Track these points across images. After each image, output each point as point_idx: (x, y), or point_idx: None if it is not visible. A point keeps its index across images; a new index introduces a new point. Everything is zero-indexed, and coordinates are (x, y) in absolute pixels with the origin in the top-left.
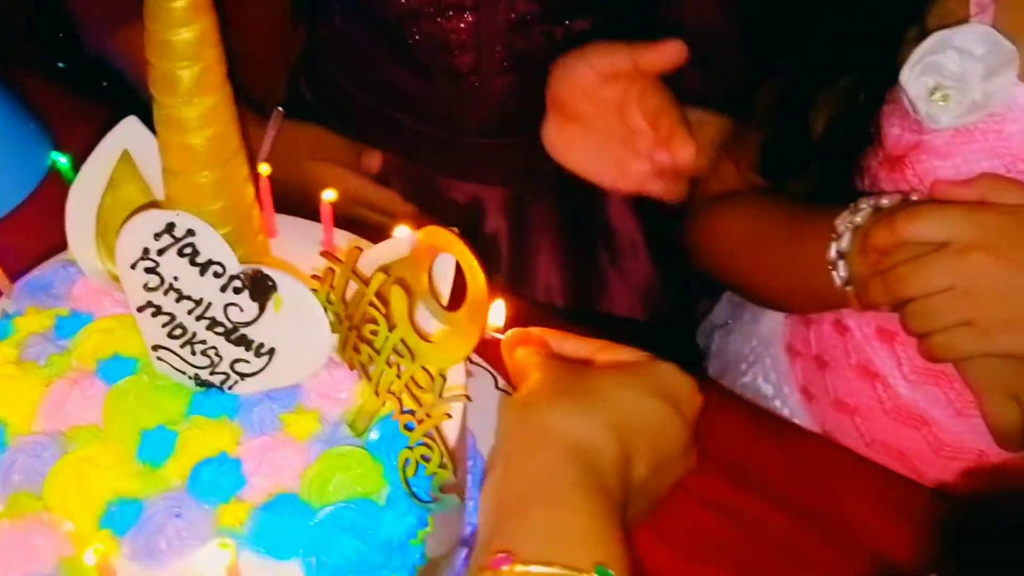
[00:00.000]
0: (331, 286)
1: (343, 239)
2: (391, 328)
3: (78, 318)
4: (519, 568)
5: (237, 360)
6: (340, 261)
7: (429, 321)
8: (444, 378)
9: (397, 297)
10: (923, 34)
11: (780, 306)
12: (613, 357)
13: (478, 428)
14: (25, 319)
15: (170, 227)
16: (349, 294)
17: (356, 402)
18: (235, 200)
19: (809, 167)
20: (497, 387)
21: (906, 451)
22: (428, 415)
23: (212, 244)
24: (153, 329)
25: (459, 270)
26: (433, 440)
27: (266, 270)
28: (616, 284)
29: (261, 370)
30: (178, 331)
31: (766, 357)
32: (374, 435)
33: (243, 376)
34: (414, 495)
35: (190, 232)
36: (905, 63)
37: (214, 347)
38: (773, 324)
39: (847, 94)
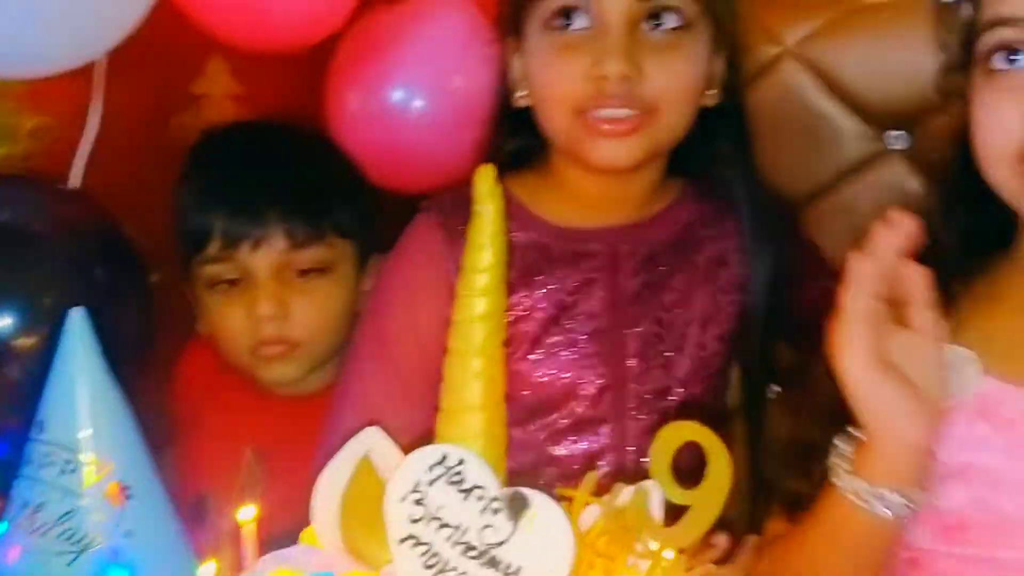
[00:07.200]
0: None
1: None
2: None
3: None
4: None
5: None
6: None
7: None
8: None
9: (638, 495)
10: None
11: None
12: None
13: None
14: (274, 572)
15: (444, 458)
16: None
17: None
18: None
19: None
20: None
21: None
22: None
23: (479, 470)
24: (409, 561)
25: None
26: None
27: (523, 490)
28: None
29: None
30: (433, 559)
31: None
32: None
33: None
34: None
35: (461, 461)
36: None
37: (464, 572)
38: None
39: None
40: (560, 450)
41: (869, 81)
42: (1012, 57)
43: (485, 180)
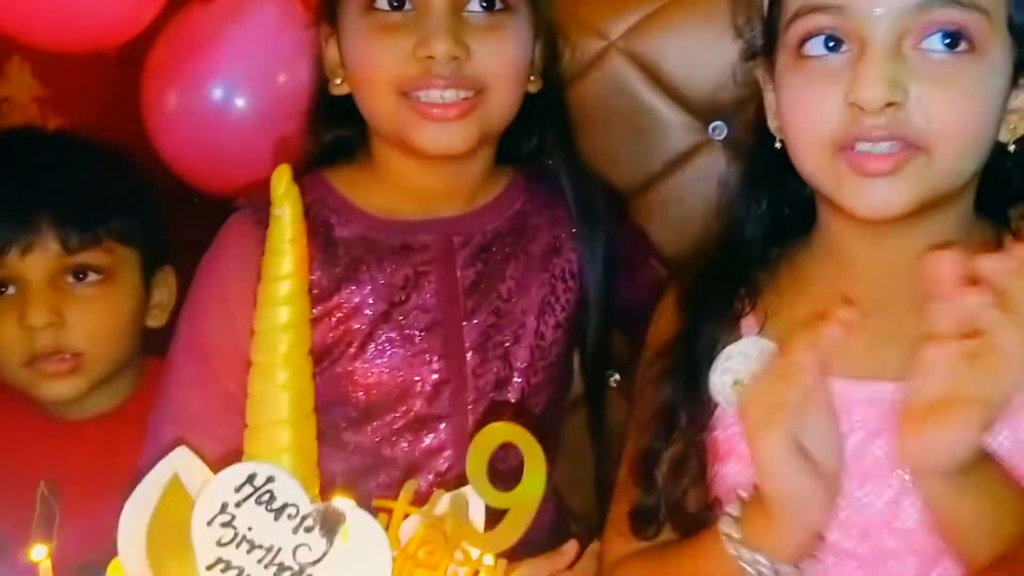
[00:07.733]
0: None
1: None
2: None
3: None
4: None
5: None
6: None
7: None
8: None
9: (456, 502)
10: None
11: None
12: None
13: None
14: None
15: (251, 477)
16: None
17: None
18: (306, 454)
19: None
20: None
21: None
22: None
23: (288, 487)
24: None
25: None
26: None
27: (336, 505)
28: None
29: None
30: None
31: None
32: None
33: None
34: None
35: (270, 479)
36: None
37: None
38: None
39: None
40: (398, 451)
41: (689, 72)
42: (830, 43)
43: (281, 181)
